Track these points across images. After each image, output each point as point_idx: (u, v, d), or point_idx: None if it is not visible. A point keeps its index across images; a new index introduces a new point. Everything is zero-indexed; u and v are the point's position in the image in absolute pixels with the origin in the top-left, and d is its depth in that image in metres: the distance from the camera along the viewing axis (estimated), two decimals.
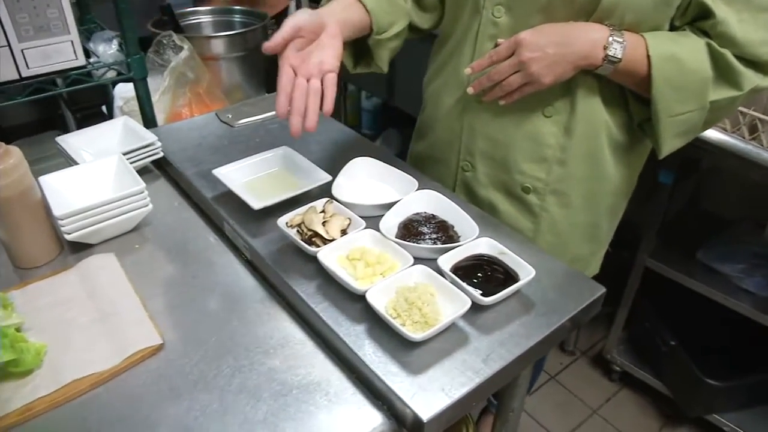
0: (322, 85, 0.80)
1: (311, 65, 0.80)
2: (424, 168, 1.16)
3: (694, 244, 1.67)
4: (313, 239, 0.83)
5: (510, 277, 0.78)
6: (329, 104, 0.81)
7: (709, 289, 1.57)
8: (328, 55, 0.82)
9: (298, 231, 0.86)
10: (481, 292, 0.75)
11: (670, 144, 0.91)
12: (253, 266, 0.89)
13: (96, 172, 0.98)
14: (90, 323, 0.77)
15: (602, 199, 1.02)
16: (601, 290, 0.81)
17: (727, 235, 1.69)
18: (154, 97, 1.48)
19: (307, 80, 0.79)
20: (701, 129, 0.91)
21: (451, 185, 1.11)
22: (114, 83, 1.53)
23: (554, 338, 0.75)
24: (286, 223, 0.86)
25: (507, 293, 0.75)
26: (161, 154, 1.10)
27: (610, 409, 1.89)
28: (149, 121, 1.27)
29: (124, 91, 1.58)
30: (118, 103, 1.56)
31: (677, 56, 0.83)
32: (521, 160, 0.98)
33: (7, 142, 0.84)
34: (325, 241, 0.82)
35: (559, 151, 0.96)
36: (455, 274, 0.77)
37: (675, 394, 1.71)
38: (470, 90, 0.93)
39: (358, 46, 1.01)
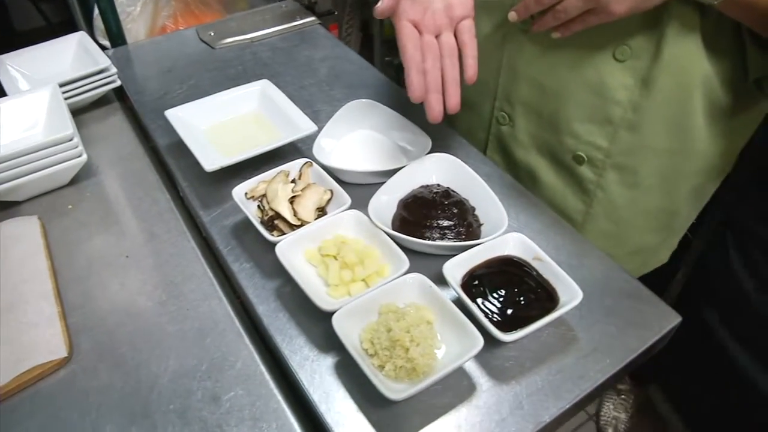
0: (456, 38, 0.62)
1: (437, 13, 0.61)
2: (453, 116, 0.90)
3: None
4: (276, 221, 0.61)
5: (545, 295, 0.55)
6: (472, 66, 0.61)
7: None
8: None
9: (259, 206, 0.64)
10: (498, 318, 0.53)
11: None
12: (208, 245, 0.69)
13: (24, 109, 0.77)
14: None
15: (685, 181, 0.74)
16: (676, 320, 0.57)
17: None
18: (135, 8, 1.23)
19: (437, 36, 0.61)
20: None
21: (483, 140, 0.85)
22: None
23: (601, 390, 0.53)
24: (246, 193, 0.64)
25: (536, 328, 0.52)
26: (118, 83, 0.88)
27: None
28: (114, 38, 1.03)
29: None
30: (95, 12, 1.31)
31: None
32: (576, 119, 0.72)
33: None
34: (292, 226, 0.60)
35: (631, 110, 0.68)
36: (469, 288, 0.55)
37: None
38: (512, 15, 0.65)
39: None
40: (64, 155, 0.71)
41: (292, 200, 0.61)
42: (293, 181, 0.65)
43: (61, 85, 0.80)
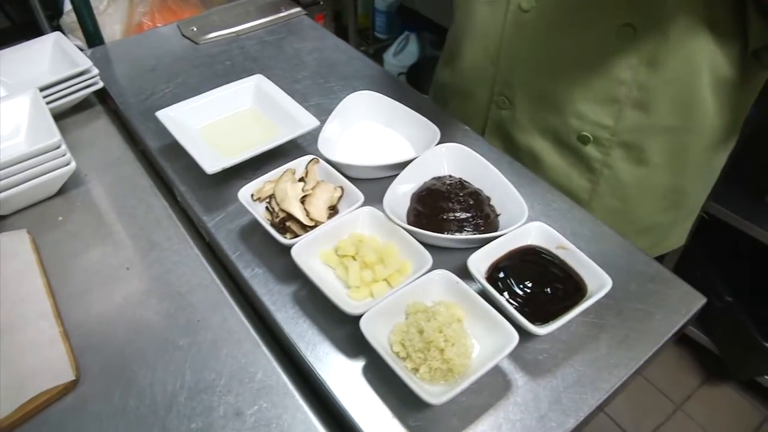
0: None
1: None
2: (448, 104, 0.88)
3: (764, 185, 1.39)
4: (288, 223, 0.58)
5: (572, 285, 0.54)
6: None
7: None
8: None
9: (267, 208, 0.61)
10: (528, 310, 0.51)
11: None
12: (212, 251, 0.66)
13: (2, 116, 0.72)
14: None
15: (693, 157, 0.74)
16: (701, 301, 0.56)
17: None
18: (109, 5, 1.18)
19: None
20: None
21: (480, 126, 0.83)
22: None
23: (635, 377, 0.52)
24: (252, 195, 0.61)
25: (569, 318, 0.50)
26: (100, 85, 0.83)
27: None
28: (91, 37, 0.98)
29: None
30: (65, 11, 1.25)
31: None
32: (580, 100, 0.70)
33: None
34: (305, 227, 0.57)
35: (637, 89, 0.67)
36: (494, 281, 0.53)
37: (724, 354, 1.51)
38: None
39: None
40: (51, 164, 0.67)
41: (303, 200, 0.58)
42: (301, 180, 0.62)
43: (41, 90, 0.76)
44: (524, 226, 0.57)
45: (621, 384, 0.50)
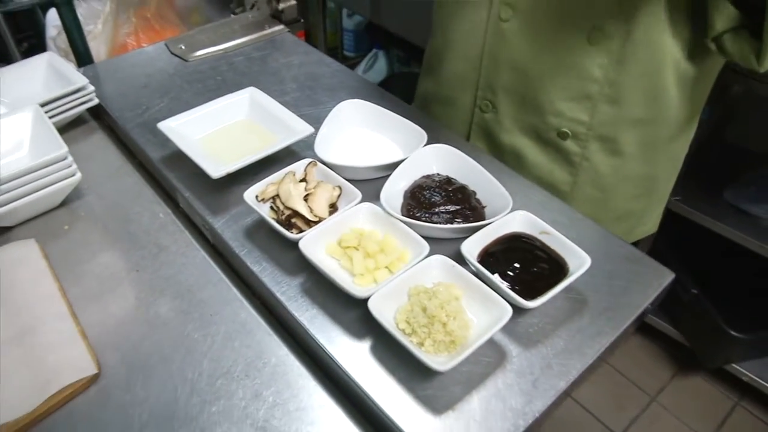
0: None
1: None
2: (432, 112, 0.94)
3: (720, 183, 1.49)
4: (293, 220, 0.62)
5: (555, 265, 0.59)
6: None
7: (737, 233, 1.41)
8: None
9: (272, 207, 0.65)
10: (518, 288, 0.57)
11: None
12: (217, 252, 0.69)
13: (5, 132, 0.75)
14: (1, 345, 0.58)
15: (661, 146, 0.81)
16: (671, 276, 0.63)
17: (758, 172, 1.51)
18: (96, 27, 1.21)
19: None
20: None
21: (464, 131, 0.89)
22: (42, 7, 1.25)
23: (614, 347, 0.58)
24: (256, 196, 0.65)
25: (557, 292, 0.56)
26: (95, 101, 0.86)
27: (618, 355, 1.78)
28: (82, 57, 1.01)
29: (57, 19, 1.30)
30: (50, 33, 1.28)
31: None
32: (557, 99, 0.77)
33: None
34: (309, 223, 0.62)
35: (608, 86, 0.74)
36: (486, 264, 0.58)
37: (693, 345, 1.60)
38: None
39: None
40: (58, 175, 0.70)
41: (306, 198, 0.63)
42: (302, 181, 0.66)
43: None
44: (510, 214, 0.63)
45: (606, 349, 0.55)
